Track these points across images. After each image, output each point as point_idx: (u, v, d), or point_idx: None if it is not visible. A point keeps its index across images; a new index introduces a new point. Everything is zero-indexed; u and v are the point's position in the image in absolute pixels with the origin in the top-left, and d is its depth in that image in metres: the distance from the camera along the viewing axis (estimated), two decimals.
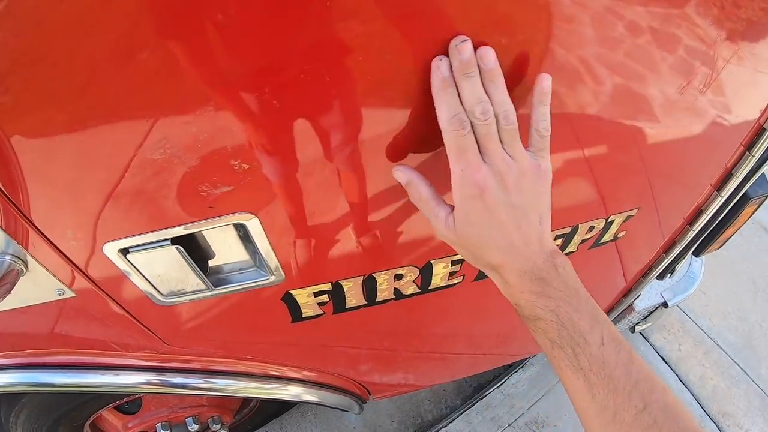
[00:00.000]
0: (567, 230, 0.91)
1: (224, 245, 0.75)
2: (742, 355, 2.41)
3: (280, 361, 1.15)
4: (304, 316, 0.92)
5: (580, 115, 0.70)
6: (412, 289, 0.94)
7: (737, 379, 2.31)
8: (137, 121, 0.54)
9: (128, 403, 1.47)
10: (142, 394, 1.36)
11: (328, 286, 0.87)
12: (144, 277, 0.74)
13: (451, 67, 0.52)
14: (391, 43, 0.52)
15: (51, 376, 1.02)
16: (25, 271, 0.72)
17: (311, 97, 0.56)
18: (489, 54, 0.52)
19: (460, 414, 1.98)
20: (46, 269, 0.72)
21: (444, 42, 0.53)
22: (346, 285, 0.88)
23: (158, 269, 0.73)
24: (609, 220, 0.96)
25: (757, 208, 1.21)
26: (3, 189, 0.59)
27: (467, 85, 0.52)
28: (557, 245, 0.90)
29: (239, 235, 0.72)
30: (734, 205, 1.11)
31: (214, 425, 1.52)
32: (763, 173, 1.07)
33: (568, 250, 0.97)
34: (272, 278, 0.80)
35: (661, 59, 0.67)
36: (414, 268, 0.88)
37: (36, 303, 0.80)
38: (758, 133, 0.89)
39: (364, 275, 0.87)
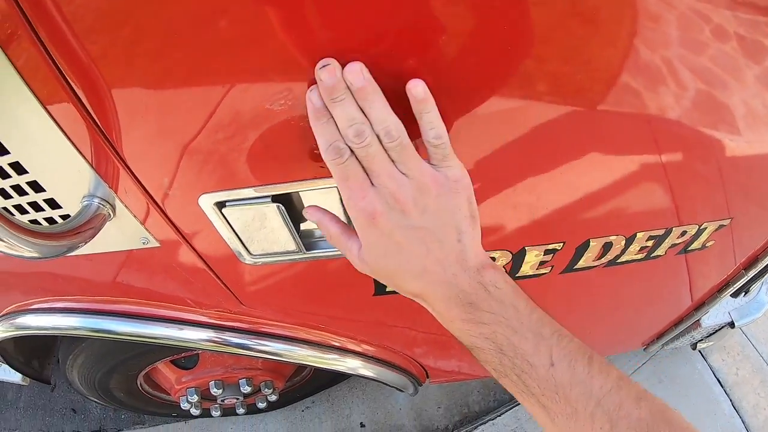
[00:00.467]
0: (660, 232, 0.83)
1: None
2: None
3: (347, 334, 1.11)
4: (387, 290, 0.87)
5: (682, 116, 0.63)
6: None
7: None
8: (259, 66, 0.49)
9: (185, 358, 1.46)
10: (201, 351, 1.35)
11: None
12: (236, 233, 0.69)
13: (321, 98, 0.48)
14: None
15: (115, 324, 1.01)
16: (111, 216, 0.68)
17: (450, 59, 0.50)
18: (355, 71, 0.46)
19: (510, 409, 1.90)
20: (135, 216, 0.69)
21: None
22: None
23: (253, 227, 0.68)
24: (702, 227, 0.87)
25: None
26: (100, 125, 0.55)
27: (337, 110, 0.47)
28: (648, 246, 0.83)
29: (341, 200, 0.66)
30: None
31: (266, 389, 1.51)
32: None
33: (656, 253, 0.89)
34: None
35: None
36: (507, 252, 0.82)
37: (116, 250, 0.77)
38: None
39: None
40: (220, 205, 0.64)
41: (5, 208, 0.68)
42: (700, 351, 2.11)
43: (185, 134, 0.56)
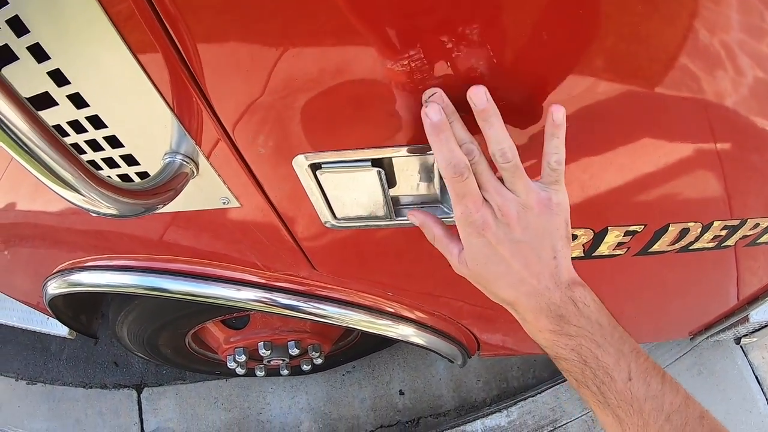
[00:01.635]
0: (735, 222, 0.82)
1: (411, 175, 0.66)
2: None
3: (406, 301, 1.08)
4: None
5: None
6: (577, 252, 0.85)
7: None
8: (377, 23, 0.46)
9: (236, 319, 1.46)
10: (255, 312, 1.34)
11: None
12: (325, 196, 0.66)
13: (440, 113, 0.50)
14: None
15: (171, 282, 1.00)
16: (195, 174, 0.65)
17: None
18: (479, 94, 0.49)
19: (550, 387, 1.89)
20: (219, 175, 0.65)
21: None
22: None
23: (345, 190, 0.65)
24: None
25: None
26: (195, 75, 0.52)
27: (454, 128, 0.52)
28: (721, 236, 0.84)
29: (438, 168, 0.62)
30: None
31: (314, 352, 1.50)
32: None
33: (727, 243, 0.88)
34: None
35: None
36: (590, 230, 0.79)
37: (193, 209, 0.74)
38: None
39: None
40: (315, 167, 0.61)
41: None
42: (741, 346, 2.08)
43: (285, 93, 0.53)
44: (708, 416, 0.54)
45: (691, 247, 0.86)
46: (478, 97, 0.49)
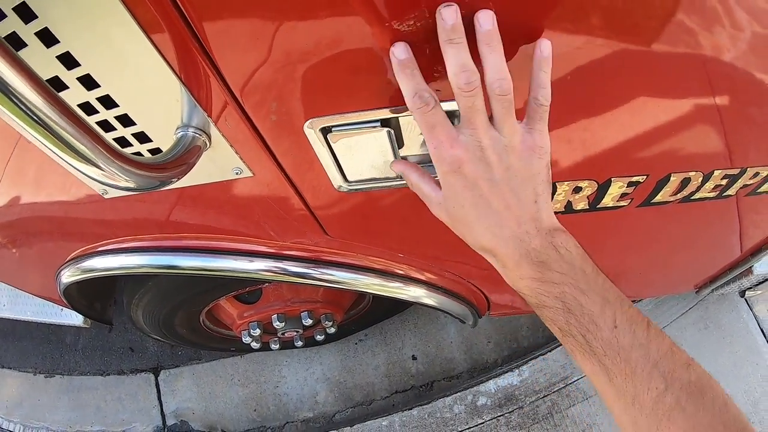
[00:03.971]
0: (735, 171, 0.83)
1: (419, 135, 0.67)
2: None
3: (417, 263, 1.10)
4: None
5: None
6: (581, 204, 0.86)
7: None
8: None
9: (249, 293, 1.48)
10: (268, 283, 1.36)
11: None
12: (336, 159, 0.67)
13: (406, 50, 0.50)
14: None
15: (183, 259, 1.01)
16: (207, 146, 0.66)
17: None
18: (487, 15, 0.47)
19: (560, 345, 1.88)
20: (231, 145, 0.67)
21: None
22: None
23: (356, 152, 0.66)
24: None
25: None
26: (205, 46, 0.53)
27: (451, 52, 0.48)
28: (722, 185, 0.84)
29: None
30: None
31: (327, 321, 1.53)
32: None
33: (728, 192, 0.89)
34: None
35: None
36: (594, 182, 0.80)
37: (207, 182, 0.75)
38: None
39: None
40: (326, 130, 0.63)
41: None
42: (746, 299, 2.10)
43: (294, 57, 0.54)
44: (694, 364, 0.53)
45: (693, 197, 0.87)
46: (486, 17, 0.47)
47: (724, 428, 0.50)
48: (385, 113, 0.60)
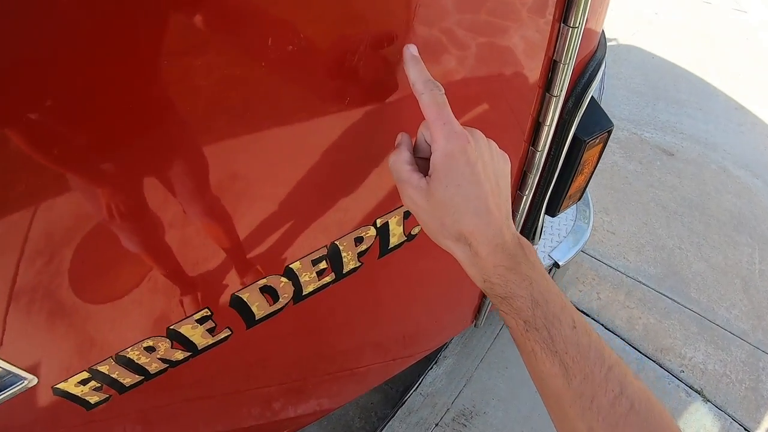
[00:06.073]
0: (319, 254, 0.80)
1: None
2: (667, 284, 2.30)
3: None
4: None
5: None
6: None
7: (668, 310, 2.20)
8: None
9: None
10: None
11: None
12: None
13: (416, 49, 0.59)
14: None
15: None
16: None
17: None
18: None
19: (384, 426, 1.84)
20: None
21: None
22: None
23: None
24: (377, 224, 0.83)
25: (604, 148, 1.03)
26: None
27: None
28: (324, 268, 0.83)
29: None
30: (571, 153, 0.95)
31: None
32: (599, 108, 0.97)
33: (348, 267, 0.87)
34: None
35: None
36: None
37: None
38: (551, 68, 0.75)
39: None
40: None
41: None
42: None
43: None
44: (638, 376, 0.53)
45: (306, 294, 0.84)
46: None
47: None
48: None
